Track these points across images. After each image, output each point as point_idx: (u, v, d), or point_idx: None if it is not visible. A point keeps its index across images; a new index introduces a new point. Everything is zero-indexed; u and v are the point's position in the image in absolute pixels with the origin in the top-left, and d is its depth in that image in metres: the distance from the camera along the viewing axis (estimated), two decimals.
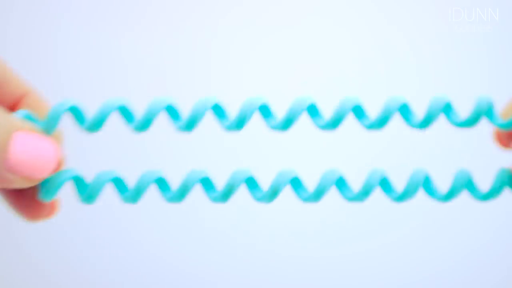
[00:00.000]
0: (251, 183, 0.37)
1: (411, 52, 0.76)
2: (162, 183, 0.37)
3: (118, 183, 0.36)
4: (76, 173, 0.36)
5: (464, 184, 0.37)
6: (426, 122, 0.37)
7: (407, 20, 0.76)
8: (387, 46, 0.76)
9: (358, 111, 0.37)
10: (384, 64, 0.76)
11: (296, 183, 0.37)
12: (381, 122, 0.37)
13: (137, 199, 0.36)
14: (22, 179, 0.34)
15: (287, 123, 0.37)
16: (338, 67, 0.76)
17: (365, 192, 0.37)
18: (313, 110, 0.37)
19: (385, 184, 0.37)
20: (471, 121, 0.37)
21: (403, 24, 0.76)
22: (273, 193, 0.36)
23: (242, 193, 0.37)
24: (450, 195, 0.37)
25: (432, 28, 0.75)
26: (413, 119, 0.37)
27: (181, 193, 0.37)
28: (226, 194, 0.36)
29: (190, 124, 0.36)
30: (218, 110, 0.37)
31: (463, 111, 0.40)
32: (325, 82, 0.75)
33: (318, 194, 0.37)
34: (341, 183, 0.37)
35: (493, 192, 0.37)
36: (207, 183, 0.37)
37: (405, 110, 0.38)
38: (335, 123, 0.37)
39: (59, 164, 0.36)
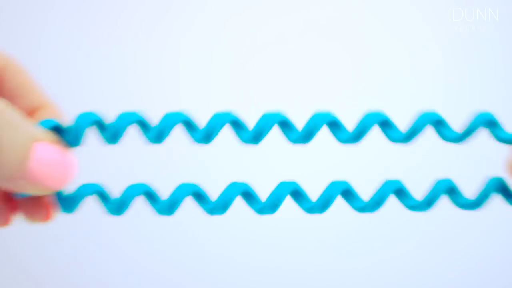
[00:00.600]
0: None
1: (411, 52, 0.76)
2: (150, 196, 0.37)
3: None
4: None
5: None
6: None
7: (407, 20, 0.76)
8: (387, 46, 0.76)
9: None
10: (384, 64, 0.76)
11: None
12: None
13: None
14: (37, 189, 0.34)
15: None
16: (339, 66, 0.76)
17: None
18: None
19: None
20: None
21: (403, 24, 0.76)
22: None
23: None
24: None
25: (432, 28, 0.75)
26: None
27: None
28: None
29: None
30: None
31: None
32: (325, 81, 0.76)
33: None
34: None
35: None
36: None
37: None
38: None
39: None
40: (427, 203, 0.37)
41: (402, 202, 0.37)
